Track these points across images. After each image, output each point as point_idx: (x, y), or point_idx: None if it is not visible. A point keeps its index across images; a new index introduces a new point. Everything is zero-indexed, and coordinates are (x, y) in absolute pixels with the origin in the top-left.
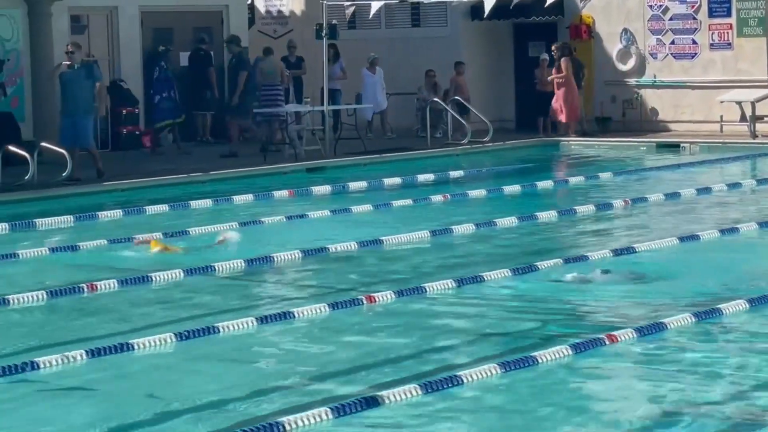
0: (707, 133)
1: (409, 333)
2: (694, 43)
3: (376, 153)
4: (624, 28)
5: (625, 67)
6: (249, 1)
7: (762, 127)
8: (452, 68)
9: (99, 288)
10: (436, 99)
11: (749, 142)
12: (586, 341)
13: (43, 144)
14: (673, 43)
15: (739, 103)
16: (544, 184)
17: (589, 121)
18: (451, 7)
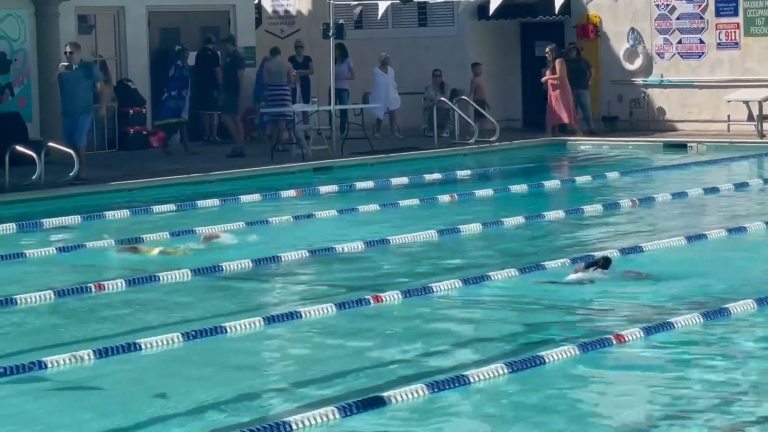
0: (714, 133)
1: (416, 333)
2: (702, 42)
3: (383, 153)
4: (631, 28)
5: (632, 67)
6: (256, 1)
7: None
8: (459, 68)
9: (106, 288)
10: (443, 99)
11: (756, 142)
12: (594, 341)
13: (50, 144)
14: (680, 42)
15: (747, 103)
16: (551, 184)
17: (597, 121)
18: (457, 7)
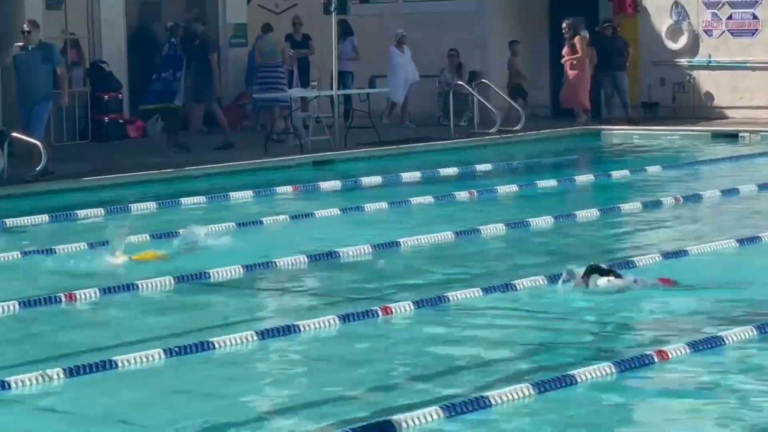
0: None
1: (430, 349)
2: (755, 18)
3: (393, 144)
4: (674, 2)
5: (675, 46)
6: None
7: None
8: (479, 47)
9: (78, 298)
10: (460, 82)
11: None
12: (632, 358)
13: (14, 134)
14: (730, 18)
15: None
16: (584, 179)
17: (635, 107)
18: None
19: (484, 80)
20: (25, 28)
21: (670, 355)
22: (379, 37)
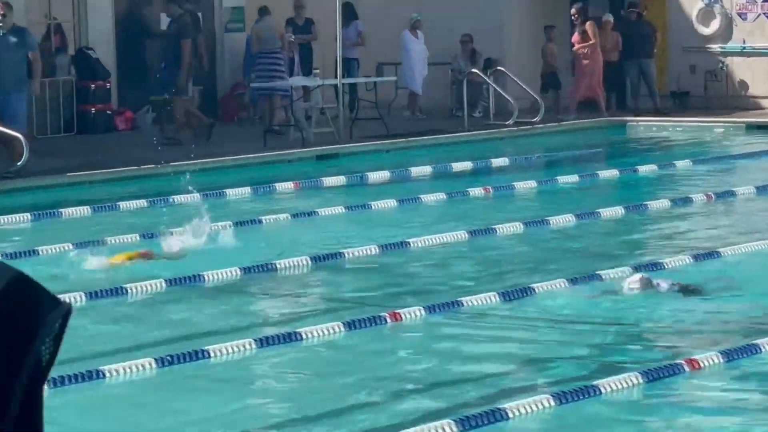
0: None
1: (442, 358)
2: None
3: (402, 136)
4: None
5: (707, 31)
6: None
7: None
8: (494, 33)
9: None
10: (474, 70)
11: None
12: (661, 367)
13: None
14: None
15: None
16: (608, 175)
17: (664, 98)
18: None
19: (500, 68)
20: None
21: (701, 365)
22: (386, 21)
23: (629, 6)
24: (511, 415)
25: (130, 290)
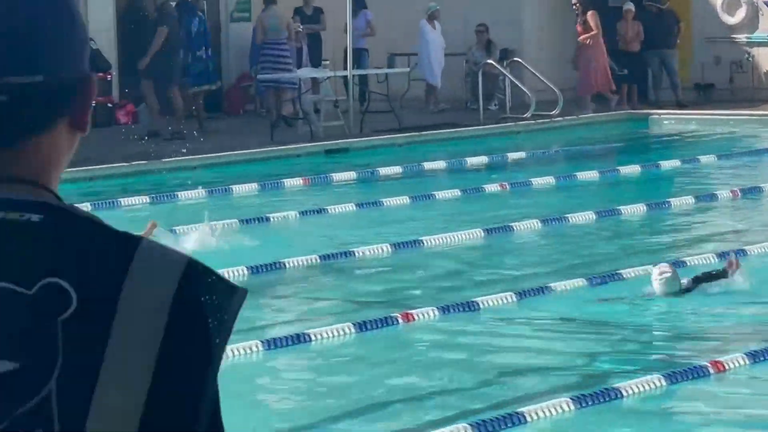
0: None
1: (457, 360)
2: None
3: (414, 130)
4: None
5: (732, 20)
6: None
7: None
8: (510, 23)
9: None
10: (490, 61)
11: None
12: (684, 370)
13: None
14: None
15: None
16: (629, 170)
17: (687, 90)
18: None
19: (517, 59)
20: None
21: (726, 367)
22: (396, 10)
23: None
24: (529, 419)
25: None
